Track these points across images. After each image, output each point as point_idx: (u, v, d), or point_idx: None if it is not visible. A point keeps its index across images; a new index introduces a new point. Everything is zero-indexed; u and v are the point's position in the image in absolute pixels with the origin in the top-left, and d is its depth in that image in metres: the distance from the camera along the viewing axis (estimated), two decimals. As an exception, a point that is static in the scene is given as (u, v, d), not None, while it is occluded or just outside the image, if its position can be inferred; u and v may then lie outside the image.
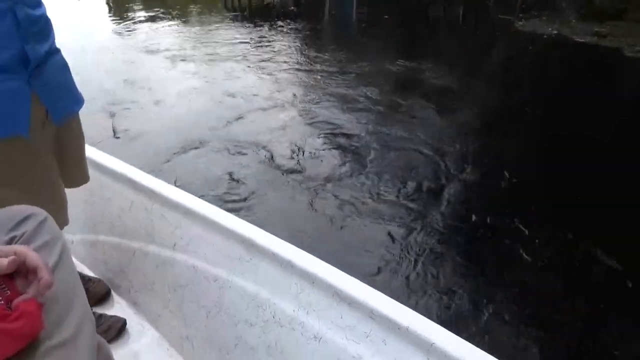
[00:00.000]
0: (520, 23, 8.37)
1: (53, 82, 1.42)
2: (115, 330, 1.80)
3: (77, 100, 1.58)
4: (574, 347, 2.55)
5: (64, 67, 1.51)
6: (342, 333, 1.21)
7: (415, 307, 2.71)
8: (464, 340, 1.06)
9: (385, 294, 1.19)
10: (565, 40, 7.30)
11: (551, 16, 8.65)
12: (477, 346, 1.03)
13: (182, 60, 7.62)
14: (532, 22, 8.36)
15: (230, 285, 1.50)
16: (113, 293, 2.01)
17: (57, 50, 1.47)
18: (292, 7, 11.18)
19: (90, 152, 1.99)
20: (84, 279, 1.99)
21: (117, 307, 1.95)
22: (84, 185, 1.77)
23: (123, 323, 1.82)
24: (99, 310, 1.91)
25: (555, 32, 7.58)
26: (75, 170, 1.68)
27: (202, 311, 1.60)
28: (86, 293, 1.97)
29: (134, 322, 1.86)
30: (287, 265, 1.33)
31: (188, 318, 1.68)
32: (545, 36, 7.54)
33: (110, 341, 1.77)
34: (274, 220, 3.49)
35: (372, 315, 1.16)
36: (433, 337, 1.06)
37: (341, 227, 3.43)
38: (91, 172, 1.92)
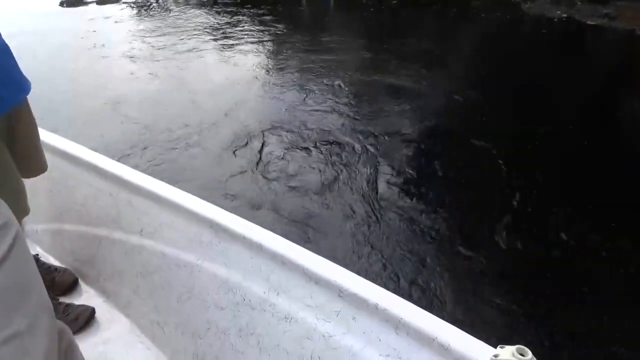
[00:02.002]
0: (527, 5, 7.98)
1: None
2: (84, 319, 1.77)
3: (21, 87, 1.45)
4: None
5: (3, 52, 1.38)
6: (313, 312, 1.22)
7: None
8: (430, 314, 1.08)
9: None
10: (577, 23, 7.09)
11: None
12: (443, 319, 1.06)
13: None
14: (538, 4, 7.98)
15: (200, 270, 1.49)
16: (81, 282, 1.98)
17: None
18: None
19: (52, 139, 1.94)
20: (50, 269, 1.95)
21: (86, 296, 1.92)
22: (46, 174, 1.72)
23: (92, 312, 1.80)
24: (67, 299, 1.87)
25: (564, 15, 7.32)
26: (29, 159, 1.61)
27: (173, 297, 1.59)
28: (52, 283, 1.95)
29: (104, 311, 1.84)
30: (257, 248, 1.33)
31: (158, 304, 1.67)
32: (555, 20, 7.28)
33: (79, 330, 1.74)
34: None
35: (341, 293, 1.17)
36: (401, 312, 1.08)
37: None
38: (53, 159, 1.87)
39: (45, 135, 1.88)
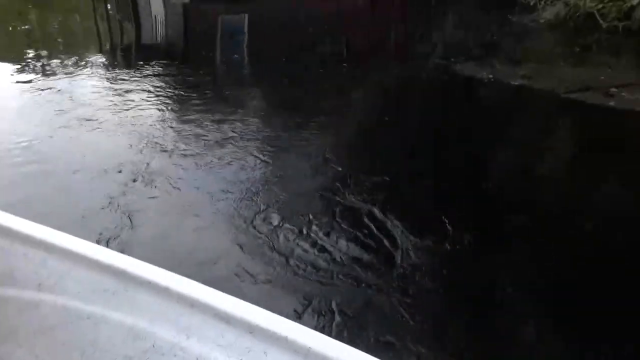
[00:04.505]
0: (458, 67, 8.32)
1: None
2: (-29, 390, 1.60)
3: None
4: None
5: None
6: (224, 351, 1.23)
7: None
8: (337, 341, 1.14)
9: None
10: (503, 84, 7.44)
11: (477, 60, 8.59)
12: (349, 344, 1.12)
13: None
14: (467, 65, 8.32)
15: (106, 321, 1.43)
16: None
17: None
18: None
19: None
20: None
21: None
22: None
23: (-20, 381, 1.63)
24: (-49, 370, 1.69)
25: (490, 75, 7.69)
26: None
27: (76, 353, 1.50)
28: None
29: None
30: (164, 292, 1.32)
31: None
32: (485, 80, 7.61)
33: (-35, 404, 1.58)
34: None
35: (251, 330, 1.19)
36: (309, 342, 1.13)
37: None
38: None
39: None
